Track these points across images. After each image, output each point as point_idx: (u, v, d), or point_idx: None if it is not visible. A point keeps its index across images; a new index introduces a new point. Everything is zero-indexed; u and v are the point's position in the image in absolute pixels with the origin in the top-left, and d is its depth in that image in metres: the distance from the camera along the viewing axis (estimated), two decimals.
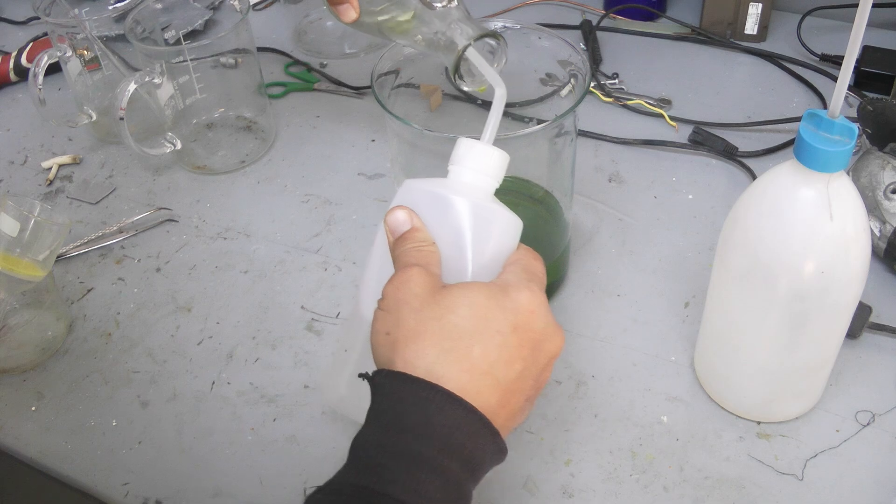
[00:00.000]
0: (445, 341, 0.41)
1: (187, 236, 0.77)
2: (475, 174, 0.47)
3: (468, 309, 0.42)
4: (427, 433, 0.39)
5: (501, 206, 0.48)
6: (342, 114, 0.90)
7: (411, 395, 0.40)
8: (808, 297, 0.49)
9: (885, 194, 0.67)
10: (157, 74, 0.77)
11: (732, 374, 0.57)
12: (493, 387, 0.41)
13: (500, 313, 0.42)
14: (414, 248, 0.45)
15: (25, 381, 0.65)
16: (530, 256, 0.47)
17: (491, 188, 0.48)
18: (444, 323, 0.41)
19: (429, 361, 0.41)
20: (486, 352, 0.41)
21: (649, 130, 0.84)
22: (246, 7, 0.80)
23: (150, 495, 0.57)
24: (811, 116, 0.46)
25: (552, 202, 0.67)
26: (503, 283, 0.44)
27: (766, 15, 0.93)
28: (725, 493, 0.54)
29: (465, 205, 0.46)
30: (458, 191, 0.47)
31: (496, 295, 0.43)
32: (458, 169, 0.48)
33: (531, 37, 0.63)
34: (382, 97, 0.58)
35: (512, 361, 0.42)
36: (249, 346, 0.66)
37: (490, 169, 0.48)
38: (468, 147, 0.48)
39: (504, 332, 0.42)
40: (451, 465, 0.39)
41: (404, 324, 0.42)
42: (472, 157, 0.47)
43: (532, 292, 0.43)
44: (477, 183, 0.47)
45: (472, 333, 0.41)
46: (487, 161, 0.48)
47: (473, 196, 0.46)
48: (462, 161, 0.48)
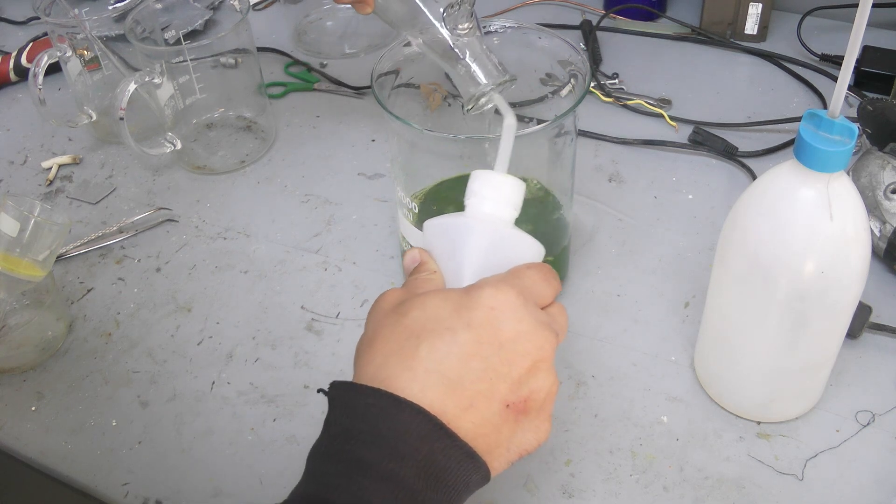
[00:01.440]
0: (392, 344, 0.41)
1: (187, 236, 0.77)
2: (494, 205, 0.48)
3: (420, 311, 0.41)
4: (374, 440, 0.38)
5: (521, 233, 0.48)
6: (342, 114, 0.90)
7: (359, 402, 0.39)
8: (808, 297, 0.49)
9: (885, 194, 0.67)
10: (157, 74, 0.77)
11: (732, 374, 0.57)
12: (442, 385, 0.39)
13: (452, 312, 0.41)
14: (414, 277, 0.46)
15: (25, 381, 0.65)
16: (525, 265, 0.46)
17: (511, 218, 0.48)
18: (396, 327, 0.41)
19: (376, 365, 0.40)
20: (433, 349, 0.40)
21: (649, 130, 0.84)
22: (246, 7, 0.80)
23: (150, 495, 0.57)
24: (811, 116, 0.46)
25: (552, 202, 0.67)
26: (470, 286, 0.43)
27: (766, 15, 0.93)
28: (725, 493, 0.54)
29: (473, 226, 0.46)
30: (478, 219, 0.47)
31: (454, 296, 0.42)
32: (476, 202, 0.48)
33: (531, 37, 0.63)
34: (382, 97, 0.58)
35: (466, 359, 0.40)
36: (249, 346, 0.66)
37: (508, 199, 0.48)
38: (484, 179, 0.48)
39: (455, 329, 0.40)
40: (403, 472, 0.37)
41: (365, 336, 0.43)
42: (490, 189, 0.48)
43: (496, 289, 0.41)
44: (496, 214, 0.48)
45: (420, 333, 0.40)
46: (505, 191, 0.48)
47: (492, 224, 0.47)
48: (479, 193, 0.48)
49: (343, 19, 1.03)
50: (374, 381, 0.40)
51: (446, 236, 0.47)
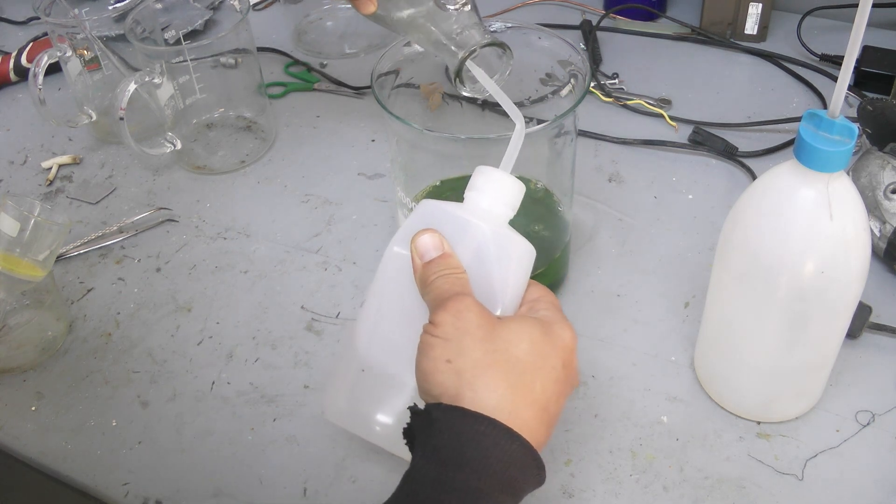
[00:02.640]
0: (511, 375, 0.42)
1: (187, 236, 0.77)
2: (492, 202, 0.48)
3: (529, 344, 0.43)
4: (484, 468, 0.40)
5: (518, 235, 0.48)
6: (342, 114, 0.90)
7: (469, 429, 0.40)
8: (808, 297, 0.49)
9: (885, 194, 0.67)
10: (157, 74, 0.77)
11: (732, 374, 0.57)
12: (547, 422, 0.43)
13: (552, 350, 0.44)
14: (449, 275, 0.46)
15: (25, 381, 0.65)
16: (548, 292, 0.49)
17: (506, 217, 0.49)
18: (509, 357, 0.43)
19: (499, 395, 0.41)
20: (545, 387, 0.43)
21: (649, 130, 0.84)
22: (246, 7, 0.80)
23: (150, 495, 0.57)
24: (811, 116, 0.46)
25: (552, 202, 0.67)
26: (548, 320, 0.46)
27: (766, 15, 0.93)
28: (725, 493, 0.54)
29: (488, 231, 0.47)
30: (482, 218, 0.47)
31: (547, 331, 0.45)
32: (475, 196, 0.48)
33: (531, 37, 0.63)
34: (382, 97, 0.58)
35: (560, 397, 0.44)
36: (249, 346, 0.66)
37: (506, 198, 0.48)
38: (487, 175, 0.48)
39: (557, 368, 0.44)
40: (504, 500, 0.40)
41: (470, 354, 0.42)
42: (491, 186, 0.48)
43: (572, 331, 0.46)
44: (493, 210, 0.48)
45: (534, 369, 0.43)
46: (505, 190, 0.48)
47: (492, 223, 0.47)
48: (480, 188, 0.48)
49: (343, 19, 1.03)
50: (498, 411, 0.41)
51: (443, 225, 0.47)
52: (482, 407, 0.41)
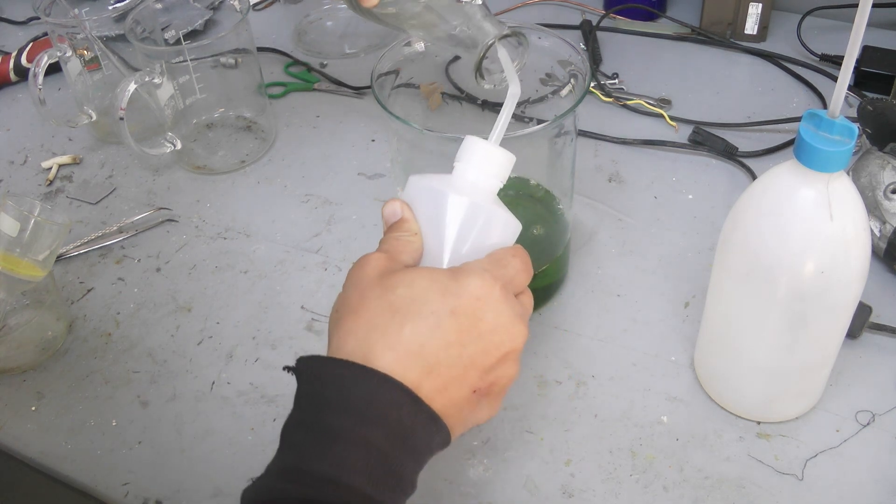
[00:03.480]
0: (377, 319, 0.41)
1: (187, 236, 0.77)
2: (478, 173, 0.47)
3: (406, 289, 0.42)
4: (343, 407, 0.39)
5: (500, 207, 0.47)
6: (342, 114, 0.90)
7: (328, 373, 0.40)
8: (808, 297, 0.49)
9: (885, 194, 0.67)
10: (157, 74, 0.77)
11: (732, 374, 0.57)
12: (420, 366, 0.40)
13: (438, 296, 0.42)
14: (394, 236, 0.46)
15: (25, 381, 0.65)
16: (510, 252, 0.46)
17: (494, 188, 0.48)
18: (381, 302, 0.42)
19: (358, 338, 0.41)
20: (416, 332, 0.41)
21: (649, 130, 0.84)
22: (246, 7, 0.80)
23: (150, 495, 0.57)
24: (811, 116, 0.46)
25: (552, 202, 0.67)
26: (457, 269, 0.43)
27: (766, 15, 0.93)
28: (725, 493, 0.54)
29: (457, 201, 0.46)
30: (459, 188, 0.46)
31: (441, 278, 0.42)
32: (462, 167, 0.47)
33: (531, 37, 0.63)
34: (382, 97, 0.58)
35: (447, 346, 0.41)
36: (249, 346, 0.66)
37: (494, 169, 0.47)
38: (474, 145, 0.47)
39: (439, 314, 0.41)
40: (373, 435, 0.39)
41: (347, 302, 0.43)
42: (477, 156, 0.47)
43: (483, 279, 0.42)
44: (479, 182, 0.47)
45: (406, 313, 0.41)
46: (491, 161, 0.47)
47: (473, 195, 0.46)
48: (466, 159, 0.47)
49: (343, 19, 1.03)
50: (355, 356, 0.40)
51: (429, 200, 0.47)
52: (340, 351, 0.41)
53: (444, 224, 0.46)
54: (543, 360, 0.63)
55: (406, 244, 0.46)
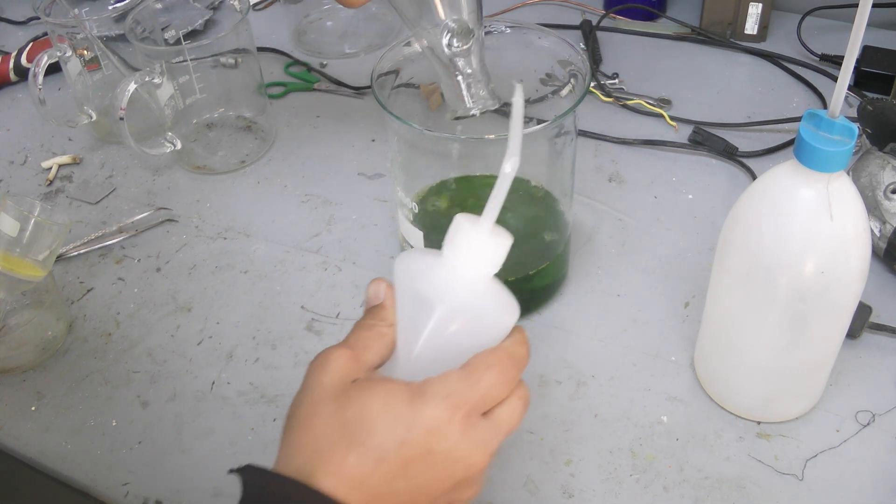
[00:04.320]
0: (325, 439, 0.39)
1: (187, 236, 0.77)
2: (467, 265, 0.42)
3: (358, 410, 0.39)
4: None
5: (491, 298, 0.43)
6: (342, 114, 0.90)
7: (272, 490, 0.39)
8: (808, 297, 0.49)
9: (885, 194, 0.67)
10: (157, 74, 0.77)
11: (732, 374, 0.57)
12: (364, 496, 0.38)
13: (390, 424, 0.39)
14: (368, 324, 0.43)
15: (25, 381, 0.65)
16: (489, 362, 0.41)
17: (486, 276, 0.43)
18: (331, 421, 0.39)
19: (305, 455, 0.39)
20: (361, 462, 0.38)
21: (649, 130, 0.84)
22: (246, 7, 0.80)
23: (150, 495, 0.57)
24: (811, 116, 0.46)
25: (552, 202, 0.67)
26: (418, 391, 0.40)
27: (766, 15, 0.93)
28: (725, 493, 0.54)
29: (433, 306, 0.41)
30: (444, 283, 0.42)
31: (396, 404, 0.39)
32: (450, 255, 0.42)
33: (531, 37, 0.63)
34: (382, 97, 0.58)
35: (392, 478, 0.39)
36: (249, 346, 0.66)
37: (485, 258, 0.42)
38: (463, 232, 0.42)
39: (386, 447, 0.38)
40: None
41: (301, 410, 0.41)
42: (466, 246, 0.42)
43: (441, 409, 0.39)
44: (468, 274, 0.42)
45: (352, 440, 0.39)
46: (483, 249, 0.42)
47: (459, 291, 0.42)
48: (455, 246, 0.42)
49: (343, 19, 1.03)
50: (301, 473, 0.39)
51: (408, 293, 0.43)
52: (287, 466, 0.39)
53: (418, 327, 0.42)
54: (543, 360, 0.63)
55: (377, 336, 0.43)
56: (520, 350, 0.42)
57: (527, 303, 0.66)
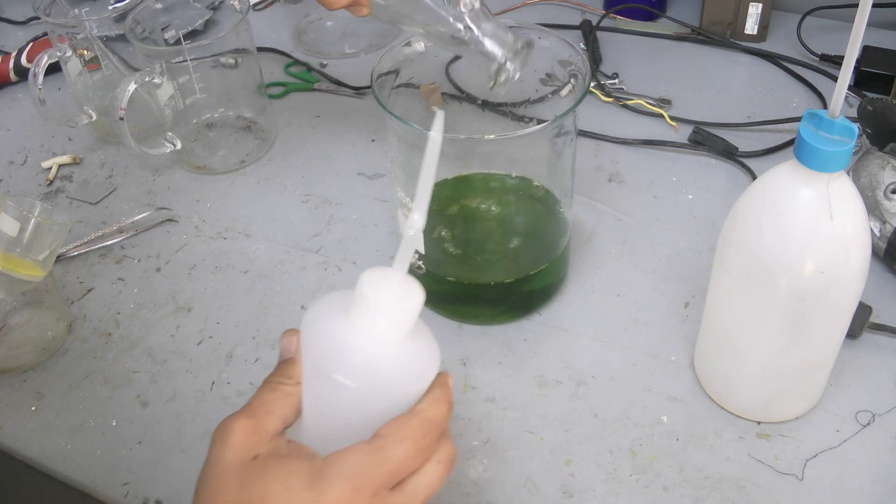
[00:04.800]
0: None
1: (187, 236, 0.77)
2: (374, 327, 0.39)
3: (259, 494, 0.37)
4: None
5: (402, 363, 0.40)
6: (342, 114, 0.90)
7: None
8: (807, 297, 0.49)
9: (885, 194, 0.67)
10: (157, 74, 0.77)
11: (732, 374, 0.57)
12: None
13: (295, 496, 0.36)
14: (274, 383, 0.41)
15: (25, 381, 0.65)
16: (402, 433, 0.38)
17: (395, 338, 0.40)
18: (236, 498, 0.38)
19: None
20: None
21: (649, 130, 0.84)
22: (246, 7, 0.80)
23: (150, 495, 0.57)
24: (811, 116, 0.46)
25: (552, 202, 0.67)
26: (322, 471, 0.37)
27: (766, 15, 0.93)
28: (725, 493, 0.54)
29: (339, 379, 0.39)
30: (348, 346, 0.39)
31: (297, 488, 0.37)
32: (355, 315, 0.39)
33: (531, 37, 0.63)
34: (382, 97, 0.58)
35: None
36: (249, 346, 0.66)
37: (393, 320, 0.39)
38: (370, 292, 0.38)
39: None
40: None
41: (204, 489, 0.39)
42: (373, 307, 0.39)
43: (346, 492, 0.37)
44: (377, 335, 0.39)
45: None
46: (391, 311, 0.39)
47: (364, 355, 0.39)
48: (360, 308, 0.39)
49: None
50: None
51: (311, 353, 0.40)
52: None
53: (320, 394, 0.40)
54: (543, 360, 0.63)
55: (282, 397, 0.40)
56: (437, 411, 0.40)
57: (527, 303, 0.66)
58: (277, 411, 0.40)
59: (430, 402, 0.40)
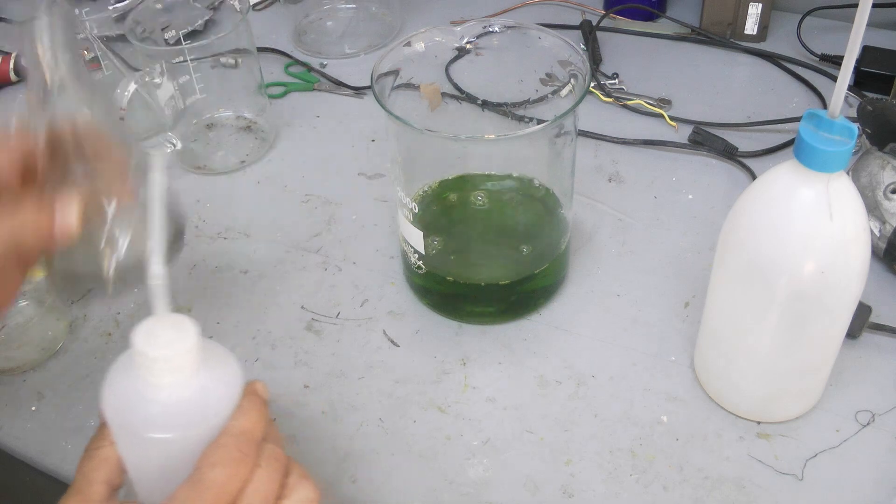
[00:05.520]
0: None
1: (187, 236, 0.76)
2: (155, 379, 0.40)
3: None
4: None
5: (196, 401, 0.40)
6: (342, 114, 0.90)
7: None
8: (807, 297, 0.49)
9: (885, 194, 0.67)
10: (157, 74, 0.77)
11: (732, 374, 0.57)
12: None
13: None
14: (91, 451, 0.41)
15: (25, 381, 0.65)
16: (217, 458, 0.38)
17: (179, 382, 0.40)
18: None
19: None
20: None
21: (649, 130, 0.84)
22: (246, 7, 0.80)
23: None
24: (811, 116, 0.46)
25: (552, 202, 0.67)
26: None
27: (766, 15, 0.93)
28: (725, 493, 0.54)
29: (133, 440, 0.40)
30: (133, 404, 0.40)
31: None
32: (136, 375, 0.40)
33: (531, 37, 0.63)
34: (382, 97, 0.58)
35: None
36: (249, 346, 0.66)
37: (170, 368, 0.39)
38: (142, 348, 0.39)
39: None
40: None
41: None
42: (148, 361, 0.39)
43: None
44: (161, 384, 0.40)
45: None
46: (166, 362, 0.39)
47: (154, 408, 0.39)
48: (137, 366, 0.40)
49: (343, 19, 1.03)
50: None
51: (113, 423, 0.40)
52: None
53: (126, 455, 0.40)
54: (543, 360, 0.63)
55: (101, 463, 0.41)
56: (247, 420, 0.40)
57: (527, 303, 0.66)
58: (99, 479, 0.40)
59: (238, 415, 0.40)
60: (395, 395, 0.62)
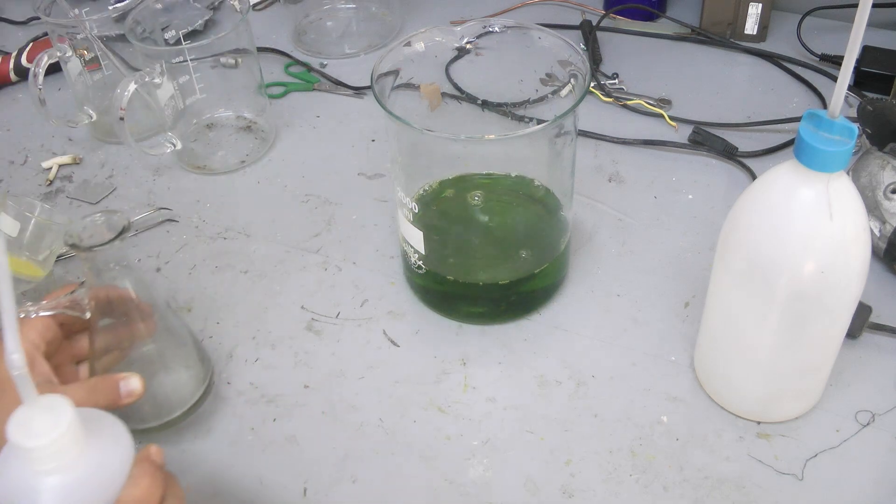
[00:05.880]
0: None
1: (187, 236, 0.77)
2: (37, 464, 0.39)
3: None
4: None
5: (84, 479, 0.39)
6: (342, 114, 0.90)
7: None
8: (807, 297, 0.49)
9: (885, 194, 0.67)
10: (157, 74, 0.77)
11: (732, 374, 0.57)
12: None
13: None
14: None
15: None
16: None
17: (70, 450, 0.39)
18: None
19: None
20: None
21: (649, 130, 0.84)
22: (246, 7, 0.80)
23: None
24: (811, 116, 0.46)
25: (552, 202, 0.67)
26: None
27: (766, 15, 0.93)
28: (725, 493, 0.54)
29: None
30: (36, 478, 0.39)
31: None
32: (21, 457, 0.39)
33: (531, 37, 0.63)
34: (382, 97, 0.58)
35: None
36: (249, 346, 0.66)
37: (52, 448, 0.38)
38: (19, 441, 0.38)
39: None
40: None
41: None
42: (29, 448, 0.38)
43: None
44: (51, 464, 0.39)
45: None
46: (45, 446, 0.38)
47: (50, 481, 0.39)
48: (24, 454, 0.38)
49: (343, 19, 1.03)
50: None
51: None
52: None
53: None
54: (543, 360, 0.63)
55: None
56: (137, 489, 0.40)
57: (527, 303, 0.66)
58: None
59: (129, 486, 0.40)
60: (395, 395, 0.62)
